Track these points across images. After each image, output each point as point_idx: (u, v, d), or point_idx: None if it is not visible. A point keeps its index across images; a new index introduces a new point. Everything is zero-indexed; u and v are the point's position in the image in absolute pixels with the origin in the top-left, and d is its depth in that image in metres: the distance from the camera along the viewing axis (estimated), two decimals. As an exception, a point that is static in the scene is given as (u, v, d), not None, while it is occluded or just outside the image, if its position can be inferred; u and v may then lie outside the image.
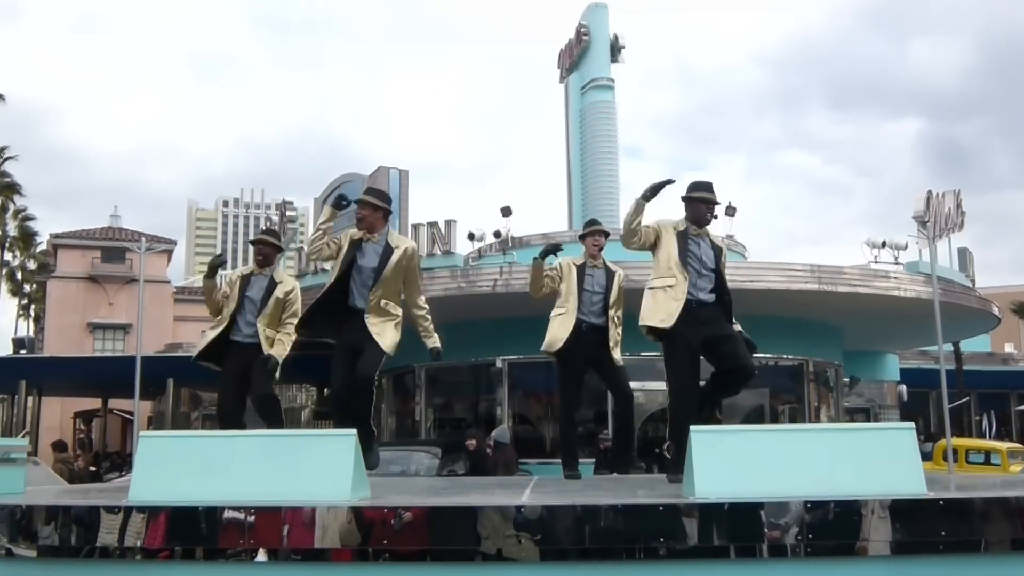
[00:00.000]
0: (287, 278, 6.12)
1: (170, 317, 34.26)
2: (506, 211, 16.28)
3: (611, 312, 6.00)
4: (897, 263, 15.21)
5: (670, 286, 5.12)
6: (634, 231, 5.18)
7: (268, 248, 6.06)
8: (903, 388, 21.02)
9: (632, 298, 5.69)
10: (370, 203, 5.08)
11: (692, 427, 3.79)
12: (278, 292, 5.94)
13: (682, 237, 5.21)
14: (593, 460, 12.13)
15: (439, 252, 15.40)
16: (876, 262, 15.10)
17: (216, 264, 6.15)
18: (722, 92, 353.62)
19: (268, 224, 23.41)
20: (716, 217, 5.38)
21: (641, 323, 5.19)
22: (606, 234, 6.27)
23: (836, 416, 16.72)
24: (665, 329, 5.08)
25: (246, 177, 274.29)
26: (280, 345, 5.83)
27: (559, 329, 5.96)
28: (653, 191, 5.10)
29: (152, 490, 3.80)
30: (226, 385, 5.81)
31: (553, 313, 6.07)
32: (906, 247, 15.65)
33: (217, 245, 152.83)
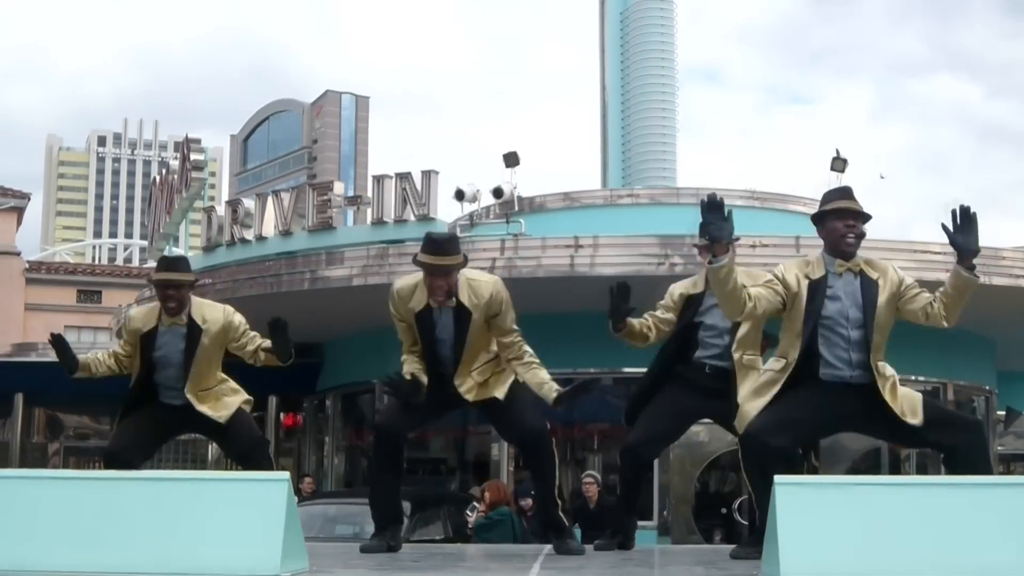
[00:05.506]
0: (211, 310, 5.82)
1: (20, 304, 34.33)
2: (511, 159, 16.28)
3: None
4: (1080, 244, 15.20)
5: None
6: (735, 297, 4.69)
7: (181, 290, 5.68)
8: (1083, 427, 21.07)
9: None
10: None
11: (777, 478, 3.81)
12: (205, 340, 5.69)
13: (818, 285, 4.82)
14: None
15: (413, 217, 15.39)
16: (1050, 242, 15.08)
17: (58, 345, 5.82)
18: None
19: (162, 174, 23.35)
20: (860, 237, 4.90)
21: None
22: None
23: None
24: None
25: (134, 104, 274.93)
26: (261, 353, 5.75)
27: None
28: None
29: (-6, 554, 3.81)
30: (138, 420, 5.75)
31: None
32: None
33: (89, 200, 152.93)
